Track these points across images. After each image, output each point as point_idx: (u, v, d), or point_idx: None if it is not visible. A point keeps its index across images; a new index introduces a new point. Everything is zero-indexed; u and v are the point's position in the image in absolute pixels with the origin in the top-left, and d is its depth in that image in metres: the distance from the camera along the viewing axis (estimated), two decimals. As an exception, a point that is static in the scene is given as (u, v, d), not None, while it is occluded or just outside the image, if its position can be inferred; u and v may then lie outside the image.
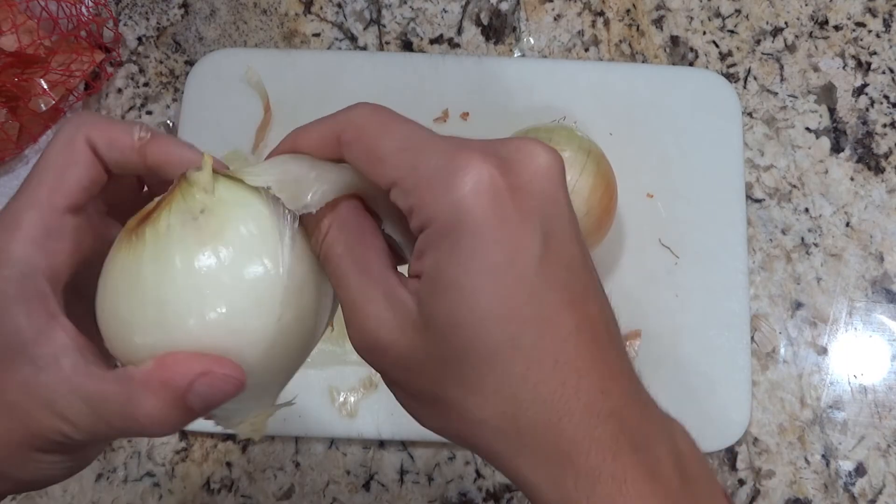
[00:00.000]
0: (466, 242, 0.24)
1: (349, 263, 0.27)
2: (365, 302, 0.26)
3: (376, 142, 0.26)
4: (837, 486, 0.54)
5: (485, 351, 0.25)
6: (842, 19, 0.64)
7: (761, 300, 0.58)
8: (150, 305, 0.26)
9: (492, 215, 0.24)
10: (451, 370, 0.25)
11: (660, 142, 0.60)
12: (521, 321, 0.24)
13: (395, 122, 0.27)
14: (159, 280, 0.26)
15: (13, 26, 0.59)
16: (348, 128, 0.27)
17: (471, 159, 0.24)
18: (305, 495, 0.55)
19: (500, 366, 0.25)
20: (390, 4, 0.65)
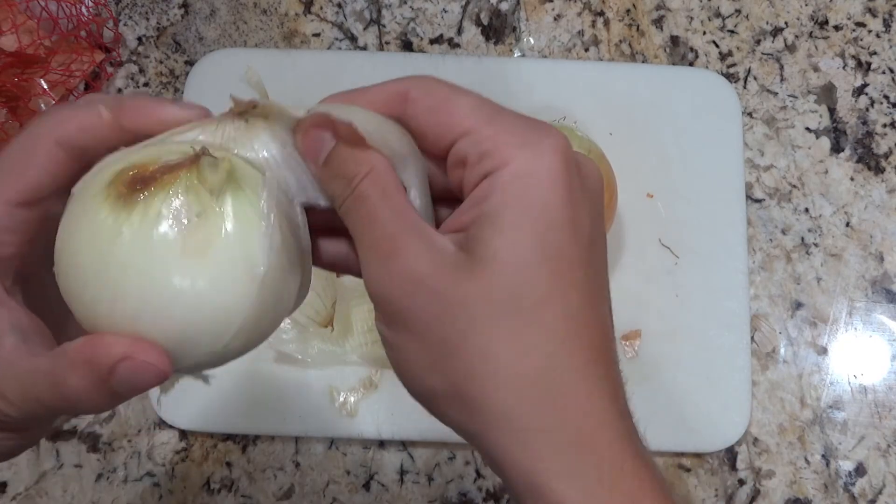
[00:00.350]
0: (540, 189, 0.24)
1: (385, 205, 0.26)
2: (403, 235, 0.25)
3: (449, 98, 0.26)
4: (837, 486, 0.54)
5: (539, 296, 0.24)
6: (842, 19, 0.64)
7: (761, 300, 0.58)
8: (114, 284, 0.24)
9: (566, 177, 0.25)
10: (495, 313, 0.24)
11: (660, 142, 0.60)
12: (573, 281, 0.25)
13: (464, 89, 0.27)
14: (128, 269, 0.24)
15: (13, 26, 0.59)
16: (417, 86, 0.27)
17: (551, 130, 0.25)
18: (305, 495, 0.55)
19: (550, 316, 0.24)
20: (390, 4, 0.65)
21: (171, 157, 0.25)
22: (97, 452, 0.56)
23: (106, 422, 0.57)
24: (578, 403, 0.25)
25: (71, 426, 0.57)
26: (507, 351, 0.24)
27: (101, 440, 0.57)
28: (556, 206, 0.25)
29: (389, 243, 0.25)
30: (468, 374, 0.25)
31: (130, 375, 0.25)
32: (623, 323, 0.56)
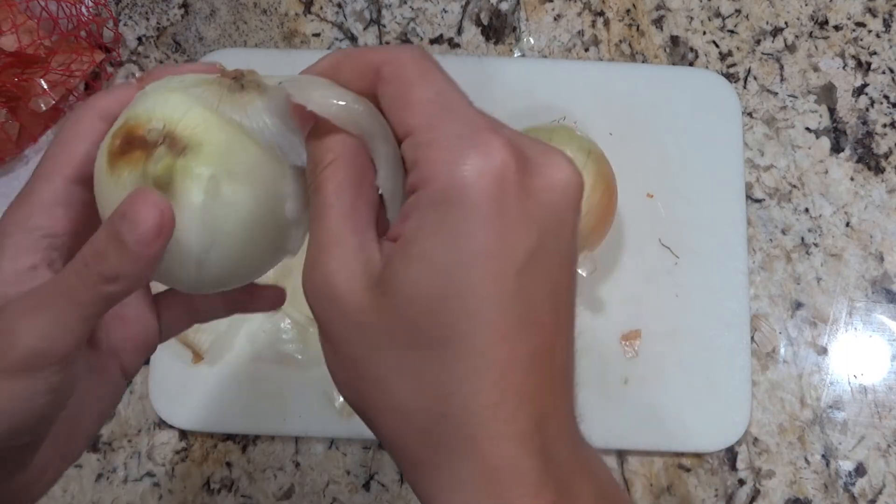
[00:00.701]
0: (455, 218, 0.23)
1: (336, 202, 0.25)
2: (336, 243, 0.25)
3: (411, 86, 0.25)
4: (837, 486, 0.54)
5: (433, 337, 0.23)
6: (842, 19, 0.64)
7: (761, 300, 0.58)
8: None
9: (492, 202, 0.23)
10: (395, 345, 0.24)
11: (660, 142, 0.60)
12: (477, 322, 0.23)
13: (436, 74, 0.26)
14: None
15: (13, 26, 0.59)
16: (390, 63, 0.26)
17: (493, 142, 0.23)
18: (305, 495, 0.55)
19: (442, 358, 0.23)
20: (390, 4, 0.65)
21: (157, 120, 0.28)
22: (97, 452, 0.56)
23: (106, 422, 0.57)
24: (477, 443, 0.23)
25: (71, 426, 0.57)
26: (402, 386, 0.24)
27: (101, 440, 0.57)
28: (473, 236, 0.23)
29: (318, 249, 0.25)
30: (368, 398, 0.25)
31: (132, 211, 0.25)
32: (623, 323, 0.56)
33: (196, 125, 0.27)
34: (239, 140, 0.28)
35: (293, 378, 0.56)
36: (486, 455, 0.23)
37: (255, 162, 0.28)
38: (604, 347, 0.56)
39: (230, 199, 0.27)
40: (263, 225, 0.28)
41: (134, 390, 0.57)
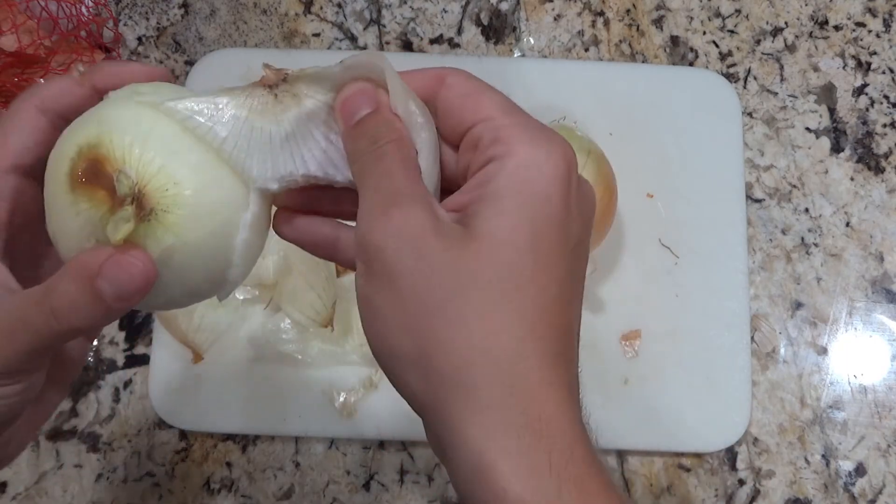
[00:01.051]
0: (541, 186, 0.26)
1: (401, 167, 0.28)
2: (409, 194, 0.27)
3: (480, 90, 0.29)
4: (837, 486, 0.54)
5: (522, 279, 0.26)
6: (842, 19, 0.64)
7: (761, 300, 0.58)
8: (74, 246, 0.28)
9: (566, 183, 0.27)
10: (476, 284, 0.25)
11: (660, 142, 0.60)
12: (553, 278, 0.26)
13: (495, 89, 0.29)
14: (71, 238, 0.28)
15: (13, 26, 0.59)
16: (454, 74, 0.30)
17: (564, 142, 0.28)
18: (305, 495, 0.55)
19: (528, 301, 0.25)
20: (390, 4, 0.65)
21: (129, 162, 0.28)
22: (97, 452, 0.56)
23: (106, 422, 0.57)
24: (539, 390, 0.25)
25: (71, 426, 0.57)
26: (481, 325, 0.25)
27: (101, 440, 0.57)
28: (554, 203, 0.26)
29: (396, 197, 0.27)
30: (439, 339, 0.25)
31: (116, 273, 0.26)
32: (623, 323, 0.56)
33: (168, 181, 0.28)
34: (209, 184, 0.29)
35: (293, 378, 0.56)
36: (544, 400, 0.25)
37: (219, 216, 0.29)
38: (604, 347, 0.56)
39: (179, 266, 0.28)
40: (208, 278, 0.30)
41: (134, 390, 0.57)
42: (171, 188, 0.28)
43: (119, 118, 0.28)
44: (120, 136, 0.28)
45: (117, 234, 0.26)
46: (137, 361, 0.58)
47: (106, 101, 0.30)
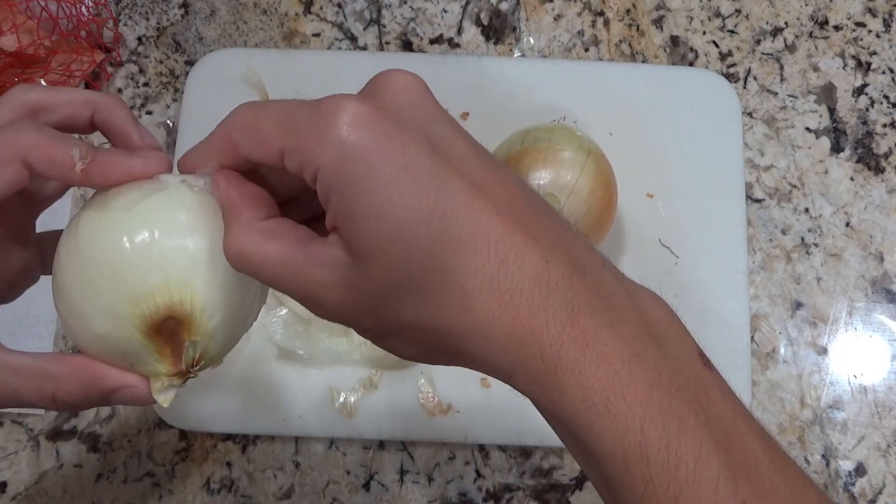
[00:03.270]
0: (358, 172, 0.25)
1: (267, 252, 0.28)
2: (297, 274, 0.27)
3: (256, 126, 0.28)
4: (837, 486, 0.54)
5: (418, 258, 0.25)
6: (842, 19, 0.64)
7: (761, 300, 0.58)
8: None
9: (371, 137, 0.25)
10: (397, 293, 0.26)
11: (660, 142, 0.60)
12: (439, 216, 0.25)
13: (268, 105, 0.28)
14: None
15: (13, 26, 0.59)
16: (233, 126, 0.28)
17: (334, 101, 0.26)
18: (305, 495, 0.55)
19: (438, 265, 0.25)
20: (390, 4, 0.65)
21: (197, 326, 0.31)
22: (97, 452, 0.56)
23: (106, 422, 0.57)
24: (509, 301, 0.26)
25: (71, 426, 0.57)
26: (436, 313, 0.26)
27: (101, 440, 0.57)
28: (383, 166, 0.25)
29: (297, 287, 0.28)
30: (431, 338, 0.27)
31: (128, 398, 0.31)
32: (623, 323, 0.56)
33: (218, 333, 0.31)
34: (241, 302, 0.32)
35: (293, 378, 0.56)
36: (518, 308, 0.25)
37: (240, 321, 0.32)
38: (604, 347, 0.56)
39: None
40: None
41: (134, 390, 0.57)
42: (219, 336, 0.31)
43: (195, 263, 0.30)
44: (199, 297, 0.30)
45: (162, 398, 0.31)
46: (137, 361, 0.58)
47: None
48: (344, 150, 0.25)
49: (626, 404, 0.25)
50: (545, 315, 0.25)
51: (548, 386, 0.25)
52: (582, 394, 0.25)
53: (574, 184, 0.50)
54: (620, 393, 0.25)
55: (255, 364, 0.56)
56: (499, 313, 0.25)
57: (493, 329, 0.25)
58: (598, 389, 0.25)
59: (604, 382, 0.25)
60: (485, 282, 0.25)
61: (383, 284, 0.26)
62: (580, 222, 0.50)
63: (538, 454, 0.55)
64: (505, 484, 0.55)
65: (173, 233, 0.30)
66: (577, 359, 0.25)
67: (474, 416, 0.55)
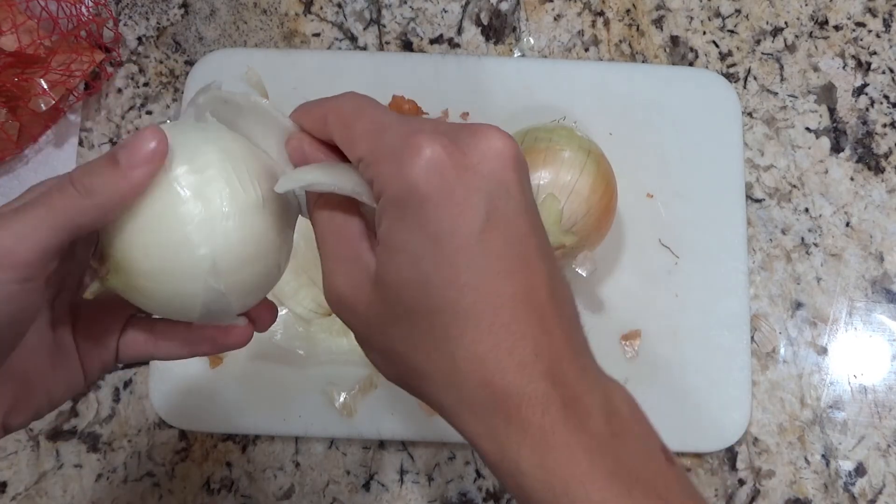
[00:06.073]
0: (413, 211, 0.27)
1: (329, 226, 0.31)
2: (335, 259, 0.30)
3: (351, 124, 0.30)
4: (837, 486, 0.54)
5: (426, 311, 0.27)
6: (842, 19, 0.64)
7: (761, 300, 0.58)
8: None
9: (437, 189, 0.27)
10: (400, 327, 0.28)
11: (660, 142, 0.60)
12: (459, 286, 0.27)
13: (369, 108, 0.30)
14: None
15: (13, 26, 0.59)
16: (333, 111, 0.31)
17: (422, 140, 0.27)
18: (305, 495, 0.55)
19: (440, 325, 0.27)
20: (390, 4, 0.65)
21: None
22: (97, 452, 0.56)
23: (106, 422, 0.57)
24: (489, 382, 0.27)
25: (71, 426, 0.57)
26: (418, 356, 0.29)
27: (101, 440, 0.57)
28: (430, 220, 0.27)
29: (326, 265, 0.31)
30: (401, 373, 0.30)
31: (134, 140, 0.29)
32: (623, 323, 0.56)
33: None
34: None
35: (293, 378, 0.56)
36: (494, 389, 0.27)
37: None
38: (604, 347, 0.56)
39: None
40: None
41: (134, 390, 0.57)
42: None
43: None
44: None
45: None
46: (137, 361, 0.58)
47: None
48: (409, 191, 0.27)
49: (584, 491, 0.26)
50: (519, 399, 0.27)
51: (510, 458, 0.27)
52: (543, 475, 0.26)
53: (574, 184, 0.50)
54: (580, 480, 0.26)
55: (255, 364, 0.56)
56: (479, 387, 0.27)
57: (471, 396, 0.27)
58: (559, 474, 0.26)
59: (564, 469, 0.26)
60: (475, 358, 0.27)
61: (387, 308, 0.29)
62: (580, 222, 0.50)
63: (538, 454, 0.55)
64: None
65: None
66: (540, 444, 0.26)
67: (474, 416, 0.55)
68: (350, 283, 0.30)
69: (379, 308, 0.29)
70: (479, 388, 0.27)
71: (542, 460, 0.26)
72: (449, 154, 0.27)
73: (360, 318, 0.30)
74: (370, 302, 0.29)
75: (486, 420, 0.27)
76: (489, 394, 0.27)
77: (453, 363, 0.27)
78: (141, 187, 0.29)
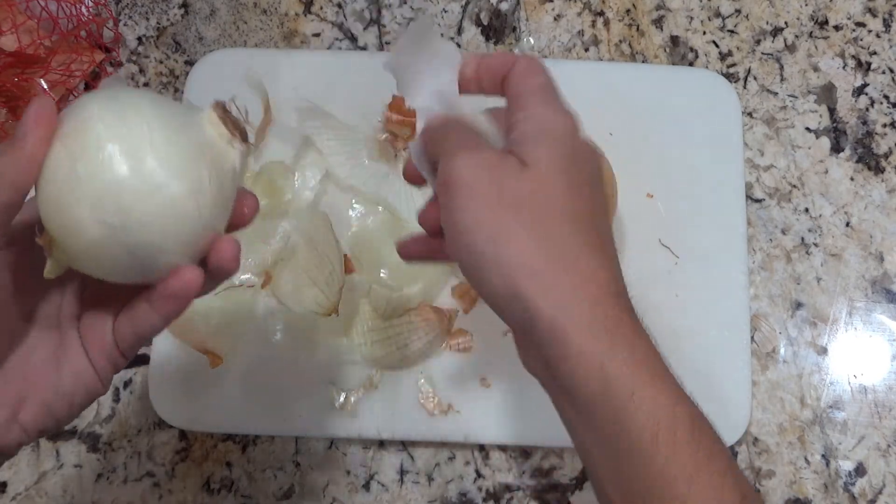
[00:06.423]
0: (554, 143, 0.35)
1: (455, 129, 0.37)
2: (466, 148, 0.35)
3: (524, 81, 0.38)
4: (837, 486, 0.54)
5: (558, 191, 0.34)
6: (842, 19, 0.64)
7: (761, 300, 0.58)
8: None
9: (568, 133, 0.36)
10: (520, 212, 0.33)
11: (660, 142, 0.60)
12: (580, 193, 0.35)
13: (539, 74, 0.38)
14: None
15: (13, 26, 0.59)
16: (513, 67, 0.38)
17: (567, 116, 0.37)
18: (305, 495, 0.55)
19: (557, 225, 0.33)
20: (390, 4, 0.65)
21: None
22: (97, 452, 0.56)
23: (106, 422, 0.57)
24: (589, 271, 0.33)
25: (71, 426, 0.57)
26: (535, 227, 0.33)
27: (101, 440, 0.57)
28: (567, 144, 0.36)
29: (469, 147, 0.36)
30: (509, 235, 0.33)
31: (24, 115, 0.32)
32: (623, 323, 0.56)
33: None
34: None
35: (293, 378, 0.56)
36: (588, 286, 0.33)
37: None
38: (604, 347, 0.56)
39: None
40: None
41: (134, 390, 0.57)
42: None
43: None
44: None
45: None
46: (137, 361, 0.58)
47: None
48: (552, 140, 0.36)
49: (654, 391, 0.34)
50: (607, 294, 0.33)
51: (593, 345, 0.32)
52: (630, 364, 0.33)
53: (574, 184, 0.50)
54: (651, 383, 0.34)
55: (255, 364, 0.56)
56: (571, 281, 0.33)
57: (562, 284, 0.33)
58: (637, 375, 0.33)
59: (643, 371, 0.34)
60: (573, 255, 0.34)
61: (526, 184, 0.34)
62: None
63: (538, 454, 0.55)
64: (505, 484, 0.55)
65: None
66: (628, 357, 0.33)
67: (474, 416, 0.55)
68: (477, 164, 0.34)
69: (506, 185, 0.34)
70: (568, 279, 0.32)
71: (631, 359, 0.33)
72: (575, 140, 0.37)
73: (480, 197, 0.33)
74: (492, 181, 0.34)
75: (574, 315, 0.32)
76: (585, 293, 0.33)
77: (561, 261, 0.33)
78: (37, 154, 0.31)
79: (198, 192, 0.32)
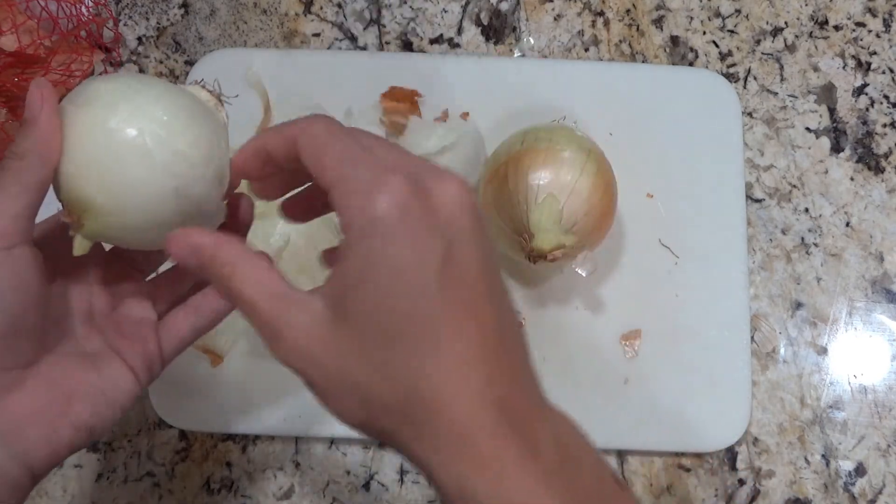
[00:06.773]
0: (379, 244, 0.28)
1: (256, 290, 0.31)
2: (278, 317, 0.30)
3: (323, 150, 0.31)
4: (837, 486, 0.54)
5: (388, 338, 0.28)
6: (842, 19, 0.64)
7: (761, 300, 0.58)
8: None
9: (402, 227, 0.28)
10: (362, 355, 0.29)
11: (660, 142, 0.60)
12: (420, 318, 0.28)
13: (342, 135, 0.31)
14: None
15: (13, 26, 0.59)
16: (305, 135, 0.31)
17: (393, 181, 0.29)
18: (305, 495, 0.55)
19: (401, 353, 0.28)
20: (390, 4, 0.65)
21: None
22: (97, 452, 0.57)
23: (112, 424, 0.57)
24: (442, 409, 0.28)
25: (71, 426, 0.57)
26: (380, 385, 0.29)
27: (101, 440, 0.57)
28: (395, 255, 0.28)
29: (270, 327, 0.31)
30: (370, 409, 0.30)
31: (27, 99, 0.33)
32: (623, 323, 0.56)
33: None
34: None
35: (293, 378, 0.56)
36: (450, 416, 0.28)
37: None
38: (604, 347, 0.56)
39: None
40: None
41: (134, 390, 0.57)
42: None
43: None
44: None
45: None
46: (137, 361, 0.58)
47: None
48: (376, 224, 0.28)
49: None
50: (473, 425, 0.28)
51: (466, 487, 0.28)
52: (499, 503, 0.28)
53: (574, 184, 0.50)
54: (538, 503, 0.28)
55: (254, 364, 0.56)
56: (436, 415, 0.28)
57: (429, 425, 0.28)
58: (515, 501, 0.27)
59: (520, 496, 0.28)
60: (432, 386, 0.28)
61: (349, 339, 0.29)
62: (580, 222, 0.50)
63: (538, 454, 0.55)
64: (505, 484, 0.55)
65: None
66: (498, 470, 0.28)
67: (474, 416, 0.55)
68: (303, 330, 0.30)
69: (339, 344, 0.29)
70: (436, 417, 0.28)
71: (498, 489, 0.27)
72: (415, 195, 0.29)
73: (319, 363, 0.30)
74: (327, 341, 0.29)
75: (444, 448, 0.28)
76: (446, 422, 0.28)
77: (414, 392, 0.28)
78: (54, 128, 0.32)
79: (214, 134, 0.35)
